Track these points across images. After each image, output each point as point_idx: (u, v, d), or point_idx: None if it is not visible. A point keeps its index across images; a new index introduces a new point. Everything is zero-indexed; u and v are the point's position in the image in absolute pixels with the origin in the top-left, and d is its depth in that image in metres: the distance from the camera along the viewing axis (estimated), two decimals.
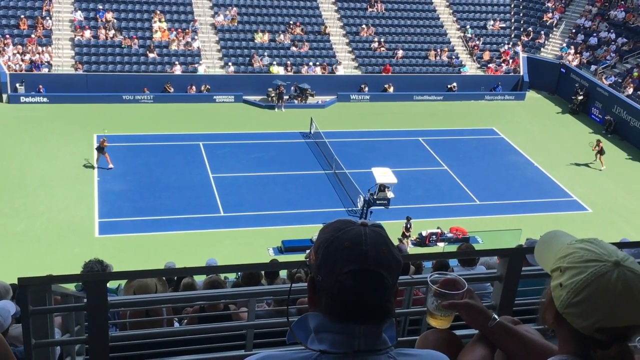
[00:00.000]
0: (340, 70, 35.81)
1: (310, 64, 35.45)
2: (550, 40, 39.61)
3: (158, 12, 35.41)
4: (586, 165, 29.44)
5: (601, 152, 29.15)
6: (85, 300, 3.75)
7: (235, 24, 36.14)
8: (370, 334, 1.69)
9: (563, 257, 1.72)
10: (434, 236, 22.50)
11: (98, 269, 6.56)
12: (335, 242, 1.69)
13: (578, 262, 1.68)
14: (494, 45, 39.17)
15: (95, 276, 4.48)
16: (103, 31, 33.88)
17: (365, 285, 1.65)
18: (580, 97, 34.97)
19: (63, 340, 4.12)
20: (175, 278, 9.11)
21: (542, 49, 39.11)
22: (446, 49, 37.87)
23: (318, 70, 35.43)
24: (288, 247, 21.09)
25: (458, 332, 2.28)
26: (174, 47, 34.44)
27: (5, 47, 31.93)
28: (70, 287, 5.36)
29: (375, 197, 23.74)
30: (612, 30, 38.15)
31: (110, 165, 25.38)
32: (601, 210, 25.54)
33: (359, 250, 1.66)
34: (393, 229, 21.91)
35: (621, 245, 5.50)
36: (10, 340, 4.71)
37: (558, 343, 1.78)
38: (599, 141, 29.53)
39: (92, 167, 25.51)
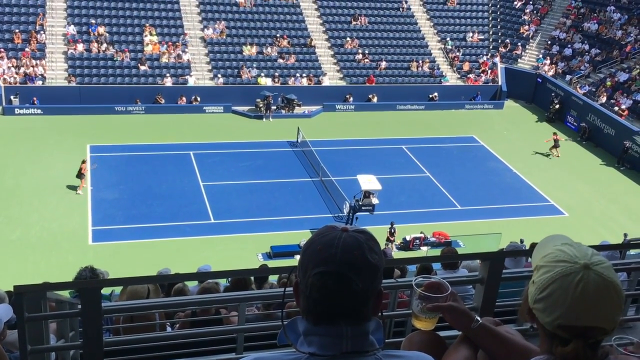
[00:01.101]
0: (326, 81, 36.16)
1: (297, 75, 35.77)
2: (527, 51, 40.25)
3: (149, 25, 35.55)
4: (562, 169, 30.09)
5: (556, 145, 30.80)
6: (79, 306, 3.74)
7: (224, 37, 36.42)
8: (357, 336, 1.69)
9: (543, 257, 1.76)
10: (417, 240, 22.68)
11: (87, 276, 6.49)
12: (312, 246, 1.72)
13: (550, 261, 1.73)
14: (473, 57, 39.76)
15: (89, 283, 4.45)
16: (95, 45, 33.98)
17: (329, 286, 1.66)
18: (556, 106, 35.60)
19: (58, 347, 4.13)
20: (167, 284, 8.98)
21: (519, 60, 39.74)
22: (427, 60, 38.41)
23: (304, 81, 35.73)
24: (277, 252, 21.18)
25: (442, 333, 2.29)
26: (164, 59, 34.60)
27: (0, 61, 31.98)
28: (65, 293, 5.38)
29: (360, 203, 23.69)
30: (585, 42, 38.89)
31: (79, 192, 24.51)
32: (577, 214, 26.07)
33: (328, 253, 1.68)
34: (378, 234, 21.41)
35: (599, 247, 5.93)
36: (7, 346, 4.66)
37: (539, 342, 1.81)
38: (555, 134, 31.21)
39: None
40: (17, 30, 33.40)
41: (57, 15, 35.10)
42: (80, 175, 24.61)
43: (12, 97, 31.28)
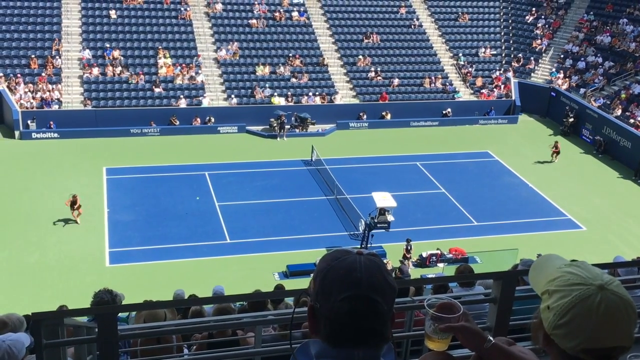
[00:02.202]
0: (339, 99, 36.30)
1: (310, 94, 35.95)
2: (540, 65, 40.23)
3: (162, 48, 35.99)
4: (579, 183, 29.88)
5: (558, 152, 31.93)
6: (96, 330, 3.80)
7: (237, 57, 36.75)
8: (368, 358, 1.71)
9: (551, 281, 1.75)
10: (434, 257, 22.56)
11: (107, 298, 6.51)
12: (332, 271, 1.73)
13: (564, 285, 1.72)
14: (486, 72, 39.77)
15: (105, 309, 4.54)
16: (110, 68, 34.42)
17: (359, 310, 1.68)
18: (571, 119, 35.45)
19: None
20: None
21: (532, 74, 39.73)
22: (440, 77, 38.49)
23: (317, 100, 35.88)
24: (293, 271, 21.14)
25: (456, 353, 2.28)
26: (178, 81, 34.92)
27: (17, 86, 32.41)
28: (82, 317, 5.50)
29: (376, 220, 23.33)
30: (599, 55, 38.79)
31: (78, 221, 24.22)
32: (595, 228, 25.86)
33: (353, 277, 1.69)
34: (394, 251, 22.07)
35: (613, 265, 5.79)
36: None
37: None
38: (556, 142, 32.32)
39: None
40: (33, 56, 33.95)
41: (72, 40, 35.63)
42: (74, 206, 24.22)
43: (29, 122, 31.67)
